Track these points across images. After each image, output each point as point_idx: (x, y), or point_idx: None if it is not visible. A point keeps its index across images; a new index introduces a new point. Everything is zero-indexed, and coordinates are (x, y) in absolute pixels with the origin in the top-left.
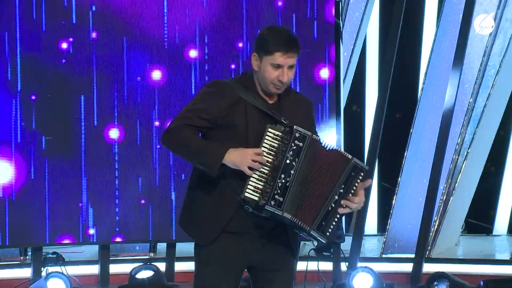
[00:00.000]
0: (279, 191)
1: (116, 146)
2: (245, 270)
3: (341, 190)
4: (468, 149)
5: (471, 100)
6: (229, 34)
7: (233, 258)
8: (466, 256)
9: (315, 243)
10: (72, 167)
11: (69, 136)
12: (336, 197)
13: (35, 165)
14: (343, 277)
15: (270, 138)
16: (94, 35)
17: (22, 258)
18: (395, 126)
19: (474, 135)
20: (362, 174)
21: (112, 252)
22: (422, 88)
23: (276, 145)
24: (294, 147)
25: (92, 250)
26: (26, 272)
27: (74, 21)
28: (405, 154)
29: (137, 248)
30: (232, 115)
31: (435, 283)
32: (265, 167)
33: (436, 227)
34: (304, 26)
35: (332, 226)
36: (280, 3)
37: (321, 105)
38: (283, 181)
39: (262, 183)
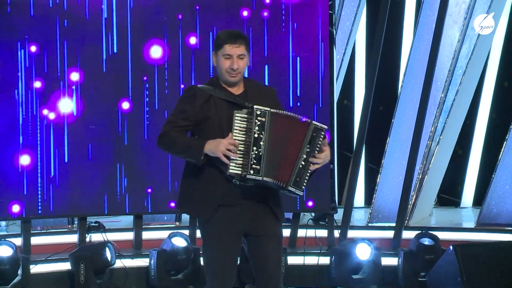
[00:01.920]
0: (254, 161)
1: (147, 131)
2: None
3: (308, 150)
4: (440, 135)
5: (442, 95)
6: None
7: (230, 228)
8: (438, 225)
9: (313, 213)
10: (111, 150)
11: (110, 125)
12: (305, 156)
13: (78, 150)
14: (336, 242)
15: (238, 121)
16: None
17: (69, 226)
18: (379, 117)
19: (444, 124)
20: (323, 133)
21: (145, 221)
22: (402, 85)
23: (244, 125)
24: (259, 123)
25: (127, 219)
26: (73, 238)
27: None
28: (388, 140)
29: (165, 218)
30: (206, 110)
31: (422, 238)
32: (240, 146)
33: (413, 200)
34: (303, 33)
35: (305, 181)
36: (283, 12)
37: (318, 99)
38: (256, 152)
39: (241, 159)
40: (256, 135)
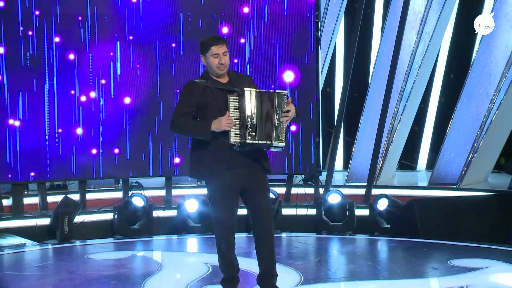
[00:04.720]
0: (250, 129)
1: None
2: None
3: (278, 111)
4: (401, 115)
5: (403, 84)
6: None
7: (232, 186)
8: (399, 184)
9: (303, 175)
10: (148, 125)
11: (149, 110)
12: (277, 116)
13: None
14: (321, 197)
15: (232, 102)
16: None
17: (115, 185)
18: (354, 101)
19: (404, 107)
20: (285, 96)
21: (173, 182)
22: (372, 77)
23: (237, 104)
24: (248, 100)
25: (160, 180)
26: (118, 194)
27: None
28: (361, 119)
29: (189, 179)
30: (204, 98)
31: (380, 198)
32: (236, 120)
33: (380, 165)
34: (295, 37)
35: (284, 134)
36: (279, 23)
37: (306, 87)
38: (250, 123)
39: (238, 130)
40: (248, 109)
